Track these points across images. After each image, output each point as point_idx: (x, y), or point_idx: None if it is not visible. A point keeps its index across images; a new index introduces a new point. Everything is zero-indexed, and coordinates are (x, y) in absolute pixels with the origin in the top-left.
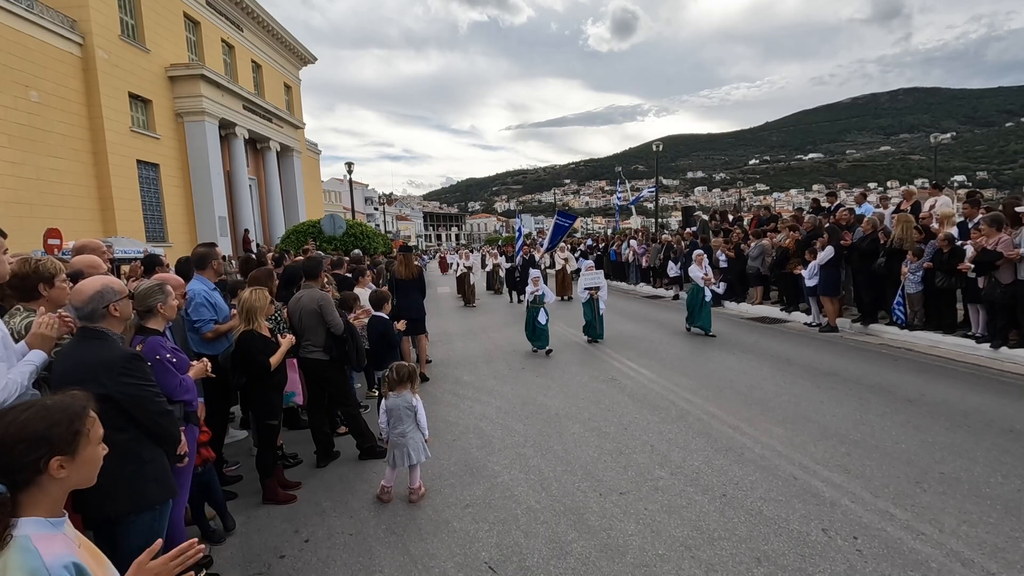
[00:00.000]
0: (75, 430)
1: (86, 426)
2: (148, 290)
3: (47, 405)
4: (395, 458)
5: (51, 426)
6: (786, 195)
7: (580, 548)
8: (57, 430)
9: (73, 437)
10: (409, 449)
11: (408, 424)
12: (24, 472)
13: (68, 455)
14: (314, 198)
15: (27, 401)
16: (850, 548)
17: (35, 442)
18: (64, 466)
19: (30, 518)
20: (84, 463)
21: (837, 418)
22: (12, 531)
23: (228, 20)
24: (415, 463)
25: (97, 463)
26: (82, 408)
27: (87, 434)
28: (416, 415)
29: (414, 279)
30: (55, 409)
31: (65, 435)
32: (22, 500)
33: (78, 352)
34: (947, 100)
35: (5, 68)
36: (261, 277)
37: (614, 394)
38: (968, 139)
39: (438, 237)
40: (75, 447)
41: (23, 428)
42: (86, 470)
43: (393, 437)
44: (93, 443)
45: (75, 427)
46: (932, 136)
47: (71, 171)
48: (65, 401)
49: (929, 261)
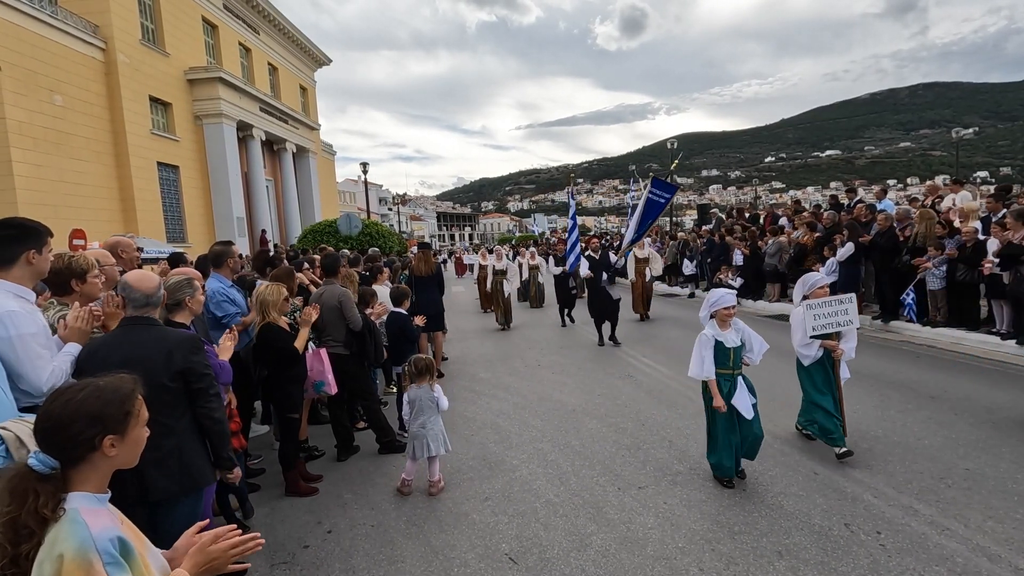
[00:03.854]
0: (127, 410)
1: (136, 407)
2: (177, 284)
3: (100, 386)
4: (415, 449)
5: (105, 405)
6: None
7: (600, 541)
8: (110, 410)
9: (124, 417)
10: (428, 440)
11: (430, 415)
12: (79, 448)
13: (119, 434)
14: (329, 198)
15: (82, 381)
16: (873, 543)
17: (91, 420)
18: (115, 445)
19: (78, 492)
20: (132, 442)
21: (858, 414)
22: (64, 505)
23: (245, 24)
24: (435, 455)
25: (141, 443)
26: (131, 390)
27: (136, 414)
28: (438, 405)
29: (432, 275)
30: (108, 390)
31: (117, 415)
32: (72, 476)
33: (139, 337)
34: (968, 95)
35: (30, 73)
36: (281, 275)
37: (631, 390)
38: (991, 134)
39: (451, 237)
40: (126, 427)
41: (79, 407)
42: (133, 449)
43: (414, 428)
44: (140, 424)
45: (127, 407)
46: (954, 131)
47: (94, 173)
48: (116, 383)
49: (954, 249)
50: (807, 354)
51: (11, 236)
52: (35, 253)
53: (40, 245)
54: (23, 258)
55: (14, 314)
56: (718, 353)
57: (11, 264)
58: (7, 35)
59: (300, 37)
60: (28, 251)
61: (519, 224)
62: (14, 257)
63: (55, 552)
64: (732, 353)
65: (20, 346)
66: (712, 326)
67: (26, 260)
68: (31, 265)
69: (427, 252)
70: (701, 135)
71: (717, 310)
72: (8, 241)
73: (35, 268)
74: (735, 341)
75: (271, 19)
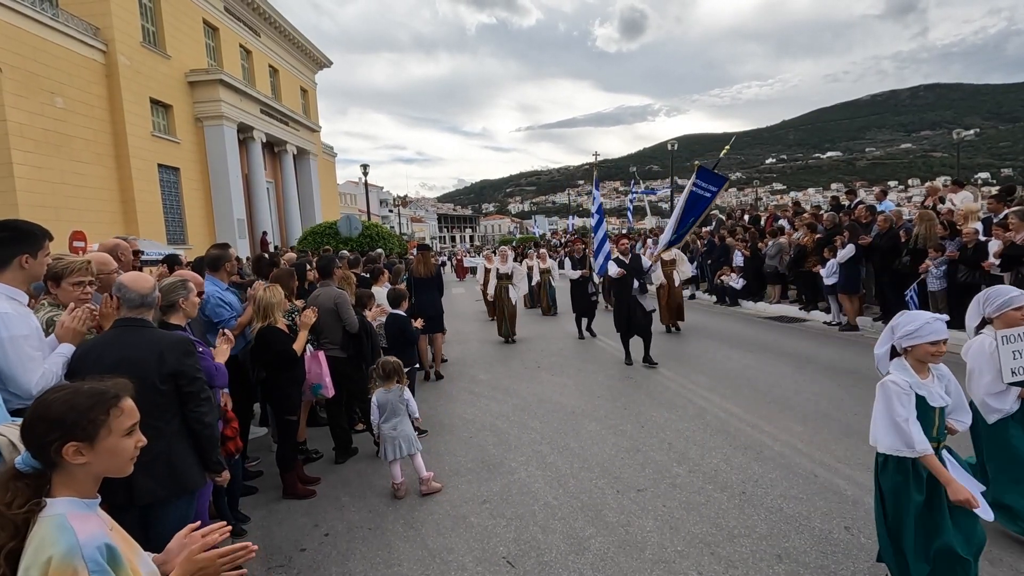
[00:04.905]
0: (92, 418)
1: (110, 416)
2: (171, 285)
3: (78, 390)
4: (387, 452)
5: (69, 411)
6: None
7: (598, 544)
8: (73, 416)
9: (89, 425)
10: (400, 441)
11: (401, 417)
12: (43, 452)
13: (84, 442)
14: (330, 200)
15: (67, 384)
16: (874, 546)
17: (50, 424)
18: (83, 452)
19: (65, 498)
20: (106, 452)
21: (859, 416)
22: (43, 508)
23: (246, 26)
24: (410, 454)
25: (124, 454)
26: (112, 397)
27: (107, 424)
28: (408, 406)
29: (432, 277)
30: (83, 395)
31: (80, 422)
32: (54, 479)
33: (132, 339)
34: (970, 96)
35: (31, 75)
36: (283, 276)
37: (630, 392)
38: (992, 135)
39: (452, 239)
40: (93, 435)
41: (46, 409)
42: (111, 460)
43: (386, 431)
44: (116, 434)
45: (93, 415)
46: (955, 132)
47: (94, 175)
48: (98, 388)
49: (955, 250)
50: (999, 407)
51: (5, 239)
52: (29, 257)
53: (35, 249)
54: (16, 261)
55: (6, 316)
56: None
57: (4, 267)
58: (8, 37)
59: (301, 39)
60: (22, 255)
61: (520, 226)
62: (7, 260)
63: (41, 557)
64: (937, 416)
65: (11, 348)
66: (904, 370)
67: (19, 264)
68: (24, 269)
69: (426, 254)
70: (702, 136)
71: (917, 344)
72: (2, 244)
73: (29, 272)
74: (942, 398)
75: (272, 21)
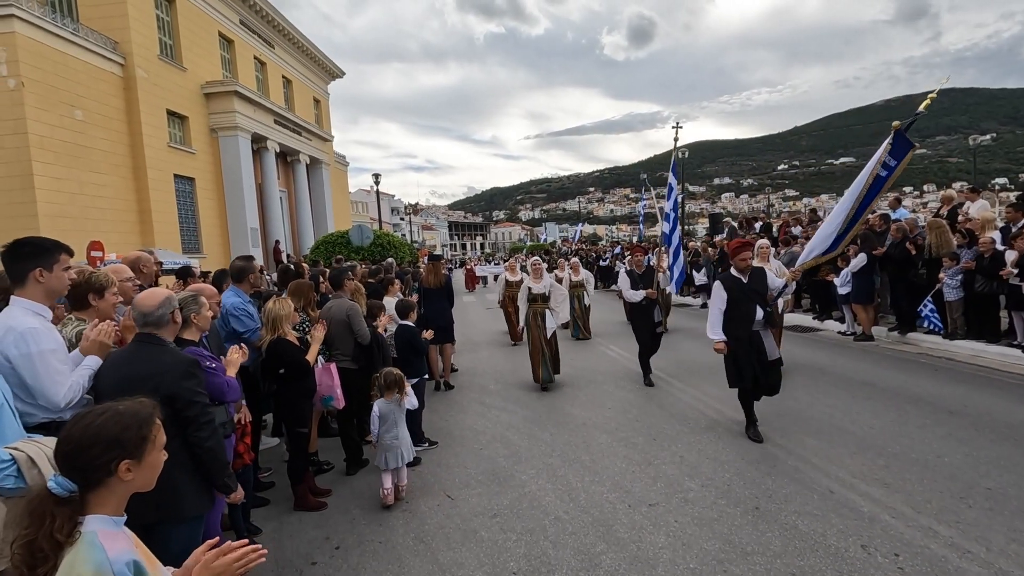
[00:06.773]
0: (143, 435)
1: (153, 432)
2: (182, 300)
3: (120, 410)
4: (387, 460)
5: (124, 430)
6: (817, 200)
7: (609, 560)
8: (128, 434)
9: (141, 442)
10: (402, 450)
11: (402, 427)
12: (97, 472)
13: (136, 459)
14: (342, 209)
15: (102, 405)
16: (891, 565)
17: (108, 445)
18: (131, 469)
19: (96, 515)
20: (148, 467)
21: (875, 430)
22: (80, 528)
23: (260, 38)
24: (408, 463)
25: (158, 468)
26: (150, 414)
27: (153, 439)
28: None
29: (441, 287)
30: (127, 414)
31: (135, 439)
32: (90, 499)
33: (138, 356)
34: (986, 100)
35: (52, 89)
36: (303, 288)
37: (642, 404)
38: (1009, 140)
39: (463, 246)
40: (143, 451)
41: (99, 431)
42: (150, 474)
43: (387, 440)
44: (157, 448)
45: (144, 432)
46: (971, 138)
47: (112, 185)
48: (135, 407)
49: (971, 260)
50: None
51: (17, 255)
52: (43, 271)
53: (49, 263)
54: (31, 276)
55: (35, 331)
56: None
57: (22, 282)
58: (31, 52)
59: (313, 50)
60: (34, 269)
61: (531, 233)
62: (23, 275)
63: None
64: None
65: (40, 362)
66: None
67: (34, 278)
68: (41, 283)
69: (437, 264)
70: (713, 143)
71: None
72: (15, 259)
73: (46, 286)
74: None
75: (286, 33)
